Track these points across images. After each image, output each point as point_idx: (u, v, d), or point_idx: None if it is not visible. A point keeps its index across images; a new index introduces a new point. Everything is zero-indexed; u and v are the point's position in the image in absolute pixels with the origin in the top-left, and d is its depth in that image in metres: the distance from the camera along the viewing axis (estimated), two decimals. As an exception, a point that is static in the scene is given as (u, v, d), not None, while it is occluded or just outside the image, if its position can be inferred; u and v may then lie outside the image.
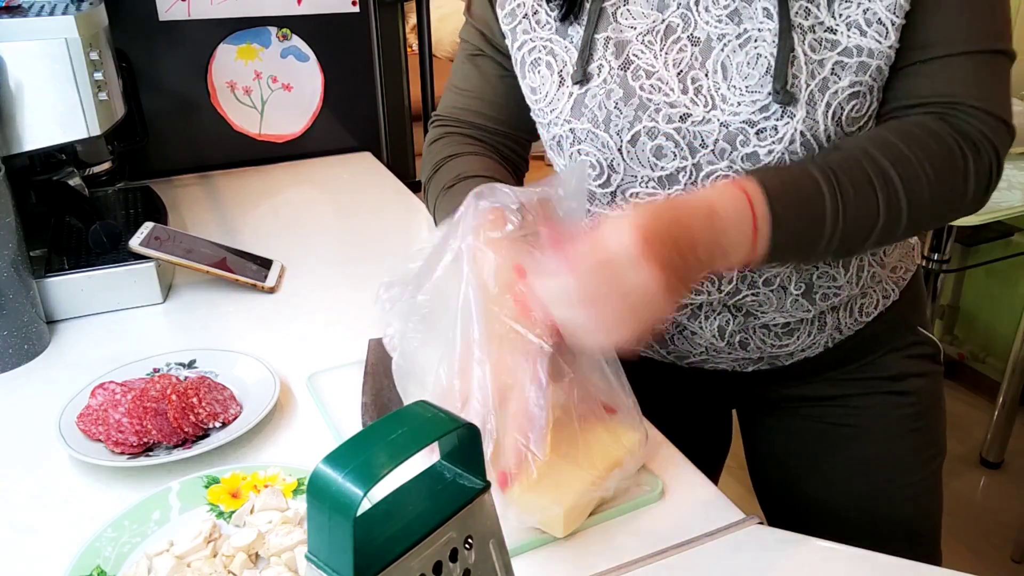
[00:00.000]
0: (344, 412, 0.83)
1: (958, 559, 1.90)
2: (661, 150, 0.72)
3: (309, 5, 1.55)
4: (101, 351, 0.97)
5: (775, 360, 0.87)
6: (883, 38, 0.66)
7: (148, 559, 0.64)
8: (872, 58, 0.67)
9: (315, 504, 0.36)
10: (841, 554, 0.67)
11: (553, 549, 0.67)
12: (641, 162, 0.74)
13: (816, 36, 0.66)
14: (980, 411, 2.45)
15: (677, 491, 0.73)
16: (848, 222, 0.65)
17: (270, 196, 1.48)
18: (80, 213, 1.12)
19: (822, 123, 0.68)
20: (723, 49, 0.69)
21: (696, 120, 0.70)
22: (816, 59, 0.67)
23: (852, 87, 0.67)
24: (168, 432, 0.78)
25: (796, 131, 0.68)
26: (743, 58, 0.68)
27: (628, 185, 0.76)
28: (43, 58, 0.99)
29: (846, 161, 0.66)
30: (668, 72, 0.71)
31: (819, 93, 0.67)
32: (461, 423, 0.39)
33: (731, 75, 0.68)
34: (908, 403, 0.90)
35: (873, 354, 0.88)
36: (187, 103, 1.54)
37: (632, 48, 0.72)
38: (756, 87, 0.68)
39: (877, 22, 0.66)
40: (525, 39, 0.78)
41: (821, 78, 0.67)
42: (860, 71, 0.67)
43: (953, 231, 1.90)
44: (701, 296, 0.80)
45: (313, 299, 1.09)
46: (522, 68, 0.79)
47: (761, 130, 0.68)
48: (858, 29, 0.66)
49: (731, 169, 0.71)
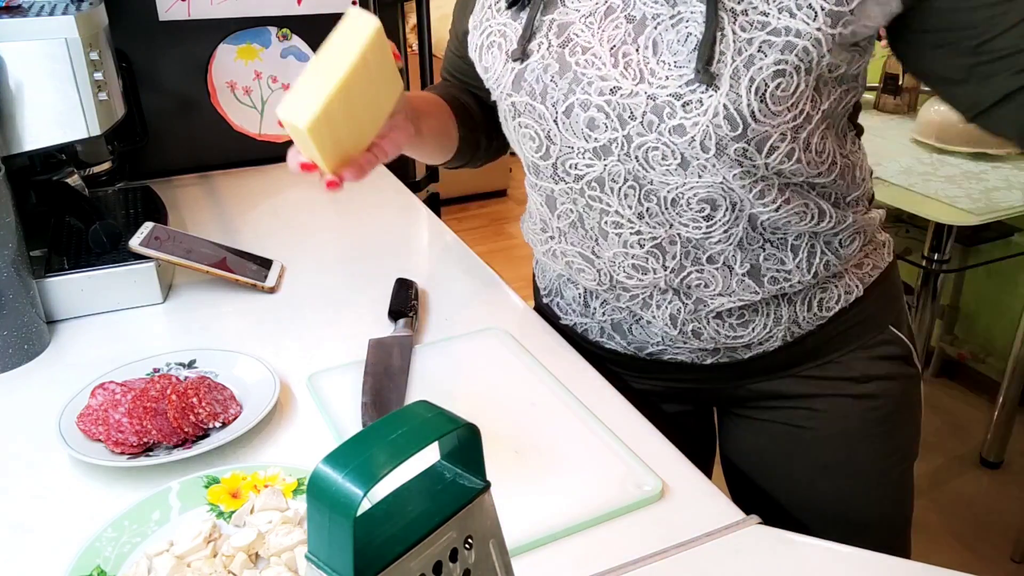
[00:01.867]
0: (344, 412, 0.84)
1: (958, 559, 1.90)
2: (593, 121, 0.76)
3: (309, 5, 1.55)
4: (101, 351, 0.97)
5: (733, 352, 0.88)
6: (812, 20, 0.68)
7: (148, 559, 0.64)
8: (799, 38, 0.68)
9: (315, 504, 0.36)
10: (841, 554, 0.67)
11: (553, 549, 0.67)
12: (575, 133, 0.78)
13: (748, 19, 0.69)
14: (980, 411, 2.45)
15: (677, 491, 0.73)
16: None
17: (270, 196, 1.48)
18: (80, 213, 1.12)
19: (745, 98, 0.69)
20: (656, 27, 0.72)
21: (625, 93, 0.73)
22: (745, 37, 0.69)
23: (777, 64, 0.69)
24: (168, 432, 0.78)
25: (719, 104, 0.70)
26: (674, 36, 0.71)
27: (566, 156, 0.80)
28: (43, 58, 0.99)
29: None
30: (602, 47, 0.75)
31: (744, 68, 0.69)
32: (461, 423, 0.39)
33: (661, 51, 0.72)
34: (872, 406, 0.90)
35: (836, 352, 0.89)
36: (187, 103, 1.54)
37: (573, 28, 0.77)
38: (684, 62, 0.71)
39: (807, 6, 0.68)
40: (485, 26, 0.84)
41: (748, 55, 0.69)
42: (787, 49, 0.68)
43: (953, 231, 1.90)
44: (648, 276, 0.83)
45: (313, 299, 1.10)
46: (479, 52, 0.85)
47: (687, 103, 0.71)
48: (788, 12, 0.68)
49: (660, 141, 0.74)
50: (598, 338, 0.94)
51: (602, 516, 0.69)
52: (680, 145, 0.73)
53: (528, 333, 0.98)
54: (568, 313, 0.96)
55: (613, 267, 0.84)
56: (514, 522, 0.68)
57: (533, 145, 0.82)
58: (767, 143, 0.72)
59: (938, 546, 1.90)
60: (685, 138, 0.72)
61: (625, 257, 0.83)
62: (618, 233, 0.81)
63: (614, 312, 0.90)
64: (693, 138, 0.72)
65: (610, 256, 0.84)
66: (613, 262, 0.84)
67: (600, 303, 0.91)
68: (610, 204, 0.80)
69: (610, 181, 0.78)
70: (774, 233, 0.80)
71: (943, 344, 2.58)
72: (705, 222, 0.78)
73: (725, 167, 0.74)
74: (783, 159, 0.74)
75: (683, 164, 0.74)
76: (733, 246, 0.80)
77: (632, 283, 0.84)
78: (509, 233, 3.82)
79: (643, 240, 0.81)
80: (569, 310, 0.96)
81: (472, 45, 0.86)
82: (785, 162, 0.74)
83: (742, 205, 0.77)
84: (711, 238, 0.79)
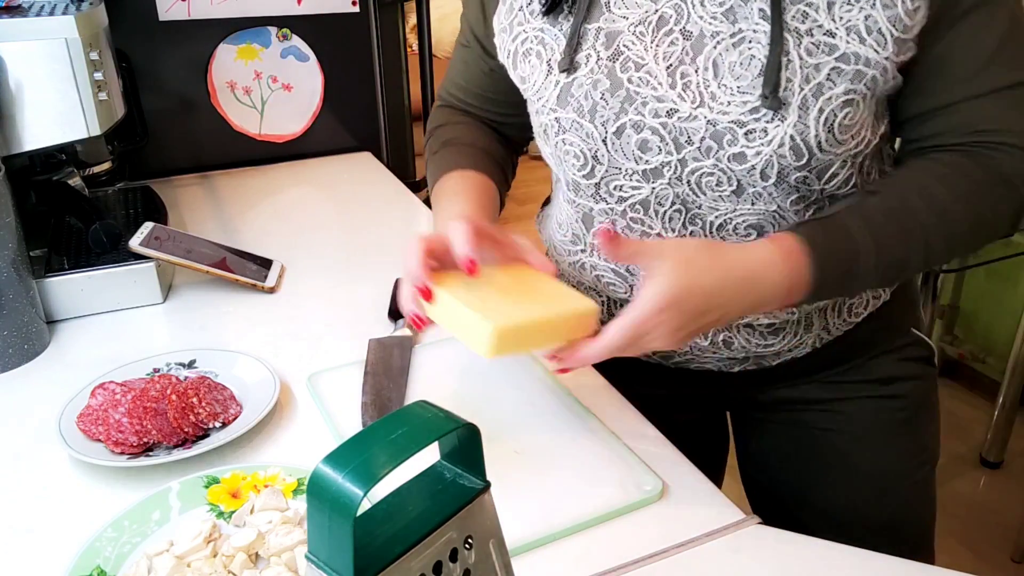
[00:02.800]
0: (344, 412, 0.83)
1: (958, 559, 1.90)
2: (646, 144, 0.72)
3: (309, 5, 1.55)
4: (101, 351, 0.97)
5: (761, 360, 0.86)
6: (881, 48, 0.66)
7: (148, 559, 0.64)
8: (869, 67, 0.66)
9: (315, 504, 0.36)
10: (841, 554, 0.67)
11: (553, 549, 0.67)
12: (625, 154, 0.74)
13: (814, 40, 0.66)
14: (980, 411, 2.45)
15: (677, 491, 0.73)
16: (884, 275, 0.70)
17: (270, 196, 1.48)
18: (80, 213, 1.12)
19: (813, 128, 0.67)
20: (716, 47, 0.68)
21: (683, 116, 0.70)
22: (812, 63, 0.66)
23: (847, 94, 0.67)
24: (168, 432, 0.78)
25: (786, 135, 0.67)
26: (736, 58, 0.68)
27: (612, 177, 0.76)
28: (43, 58, 0.99)
29: (887, 217, 0.68)
30: (658, 66, 0.71)
31: (813, 98, 0.66)
32: (461, 423, 0.39)
33: (722, 73, 0.68)
34: (897, 407, 0.89)
35: (863, 356, 0.88)
36: (187, 103, 1.54)
37: (623, 39, 0.72)
38: (748, 88, 0.67)
39: (877, 31, 0.65)
40: (519, 31, 0.79)
41: (816, 83, 0.66)
42: (856, 79, 0.66)
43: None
44: None
45: (313, 299, 1.09)
46: (513, 59, 0.80)
47: (750, 131, 0.68)
48: (857, 35, 0.65)
49: (716, 167, 0.71)
50: None
51: (602, 516, 0.69)
52: (738, 172, 0.70)
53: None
54: None
55: None
56: (514, 522, 0.68)
57: (577, 164, 0.78)
58: (829, 170, 0.71)
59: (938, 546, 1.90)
60: (745, 166, 0.69)
61: None
62: None
63: None
64: (754, 166, 0.69)
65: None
66: None
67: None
68: (652, 227, 0.77)
69: (656, 204, 0.75)
70: None
71: (943, 344, 2.57)
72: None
73: (782, 194, 0.71)
74: (840, 184, 0.72)
75: (738, 191, 0.72)
76: None
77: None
78: (509, 233, 3.80)
79: None
80: None
81: (504, 50, 0.81)
82: (842, 187, 0.73)
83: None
84: None
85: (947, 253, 0.72)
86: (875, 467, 0.91)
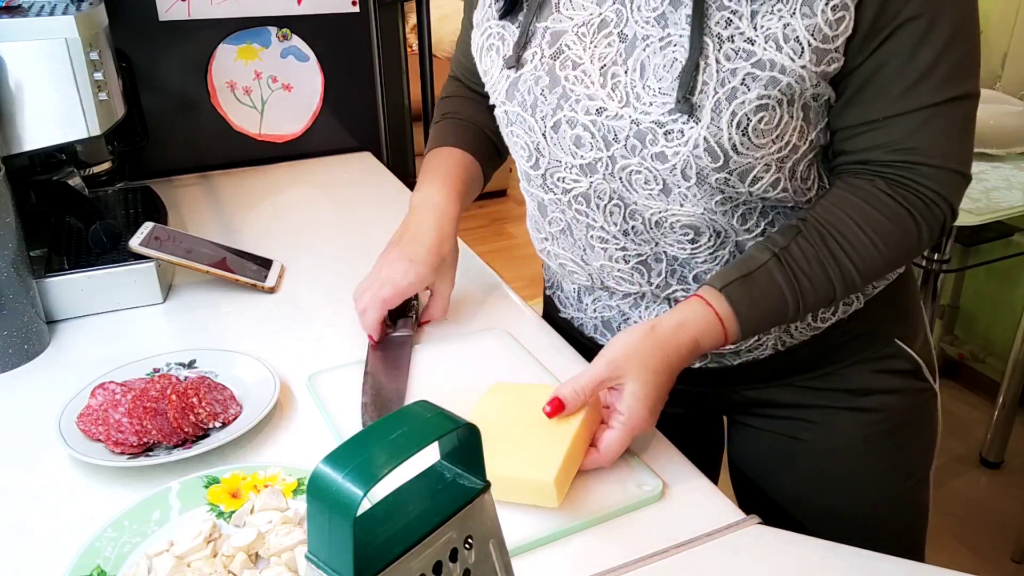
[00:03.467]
0: (344, 412, 0.83)
1: (958, 559, 1.90)
2: (580, 140, 0.76)
3: (309, 5, 1.55)
4: (101, 351, 0.97)
5: (720, 358, 0.87)
6: (798, 56, 0.66)
7: (148, 559, 0.64)
8: (783, 74, 0.67)
9: (315, 504, 0.36)
10: (841, 554, 0.67)
11: (553, 549, 0.67)
12: (563, 149, 0.77)
13: (734, 46, 0.67)
14: (980, 411, 2.45)
15: (677, 491, 0.73)
16: (807, 308, 0.75)
17: (270, 196, 1.48)
18: (80, 213, 1.12)
19: (726, 131, 0.68)
20: (645, 49, 0.71)
21: (610, 115, 0.73)
22: (729, 68, 0.67)
23: (760, 99, 0.67)
24: (168, 432, 0.78)
25: (700, 136, 0.69)
26: (661, 60, 0.70)
27: (554, 169, 0.80)
28: (43, 58, 0.99)
29: (805, 256, 0.72)
30: (592, 65, 0.74)
31: (726, 101, 0.68)
32: (461, 423, 0.39)
33: (647, 75, 0.70)
34: (873, 420, 0.87)
35: (834, 364, 0.87)
36: (187, 103, 1.54)
37: (566, 39, 0.75)
38: (667, 90, 0.69)
39: (795, 39, 0.66)
40: (486, 26, 0.83)
41: (730, 87, 0.67)
42: (770, 85, 0.67)
43: (953, 231, 1.90)
44: (634, 287, 0.83)
45: (313, 299, 1.09)
46: (479, 53, 0.84)
47: (669, 131, 0.70)
48: (775, 43, 0.66)
49: (642, 166, 0.73)
50: (592, 334, 0.94)
51: (602, 516, 0.69)
52: (662, 171, 0.72)
53: (528, 333, 0.98)
54: (566, 307, 0.96)
55: (602, 274, 0.84)
56: (514, 522, 0.68)
57: (524, 155, 0.82)
58: (750, 174, 0.72)
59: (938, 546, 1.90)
60: (666, 165, 0.71)
61: (611, 270, 0.83)
62: (603, 248, 0.81)
63: (605, 310, 0.90)
64: (674, 166, 0.71)
65: (597, 266, 0.84)
66: (601, 270, 0.84)
67: (592, 299, 0.91)
68: (595, 220, 0.80)
69: (596, 198, 0.78)
70: None
71: (943, 344, 2.58)
72: (690, 244, 0.78)
73: (707, 195, 0.73)
74: (768, 188, 0.73)
75: (665, 191, 0.74)
76: (720, 265, 0.79)
77: (622, 289, 0.85)
78: (509, 233, 3.82)
79: (628, 256, 0.81)
80: (568, 303, 0.96)
81: (474, 44, 0.86)
82: (770, 191, 0.74)
83: (727, 233, 0.77)
84: (697, 257, 0.79)
85: (863, 284, 0.76)
86: (849, 480, 0.90)
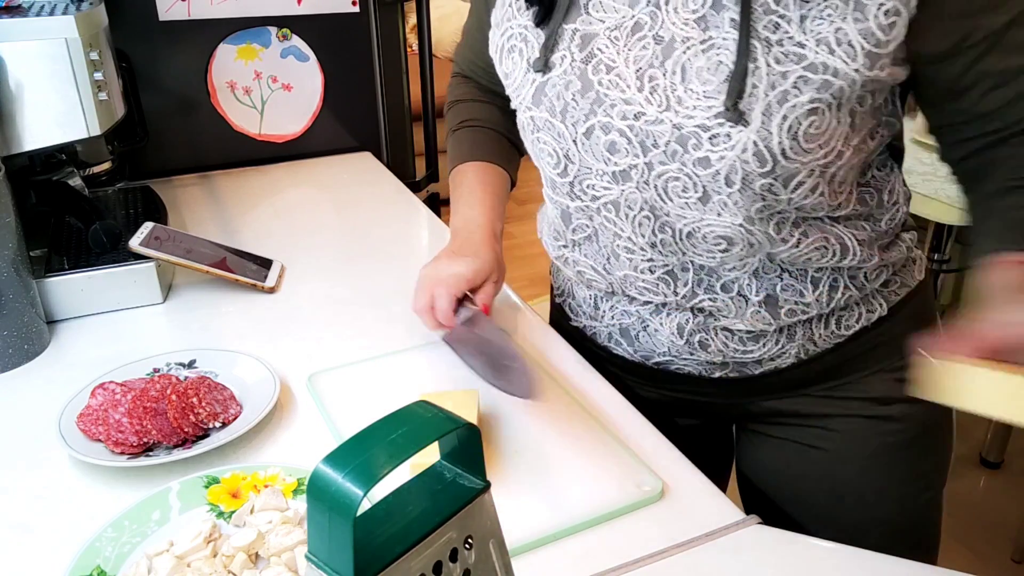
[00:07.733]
0: (344, 412, 0.83)
1: (958, 559, 1.90)
2: (614, 146, 0.73)
3: (309, 5, 1.55)
4: (101, 351, 0.97)
5: (742, 367, 0.85)
6: (851, 60, 0.66)
7: (148, 559, 0.64)
8: (836, 77, 0.66)
9: (315, 504, 0.36)
10: (841, 554, 0.67)
11: (553, 549, 0.67)
12: (595, 155, 0.75)
13: (783, 49, 0.66)
14: (980, 411, 2.44)
15: (677, 491, 0.73)
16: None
17: (270, 196, 1.48)
18: (80, 213, 1.12)
19: (776, 135, 0.67)
20: (685, 52, 0.69)
21: (649, 119, 0.71)
22: (779, 71, 0.66)
23: (812, 103, 0.66)
24: (168, 432, 0.78)
25: (749, 140, 0.67)
26: (704, 63, 0.68)
27: (584, 176, 0.78)
28: (43, 58, 0.99)
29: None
30: (627, 69, 0.72)
31: (777, 105, 0.66)
32: (461, 423, 0.39)
33: (689, 78, 0.68)
34: (893, 429, 0.86)
35: (857, 373, 0.85)
36: (187, 103, 1.54)
37: (598, 42, 0.73)
38: (713, 93, 0.67)
39: (847, 43, 0.65)
40: (507, 26, 0.81)
41: (781, 90, 0.66)
42: (823, 88, 0.66)
43: (953, 231, 1.90)
44: (658, 297, 0.81)
45: (313, 299, 1.09)
46: (499, 54, 0.82)
47: (714, 136, 0.68)
48: (827, 47, 0.65)
49: (682, 172, 0.71)
50: (606, 343, 0.92)
51: (602, 516, 0.69)
52: (703, 177, 0.70)
53: (528, 333, 0.98)
54: (578, 315, 0.94)
55: (624, 283, 0.83)
56: (514, 522, 0.68)
57: (551, 162, 0.79)
58: (794, 179, 0.70)
59: (938, 546, 1.90)
60: (709, 171, 0.69)
61: (635, 279, 0.81)
62: (629, 258, 0.80)
63: (623, 316, 0.87)
64: (718, 171, 0.69)
65: (620, 276, 0.82)
66: (624, 280, 0.82)
67: (610, 306, 0.88)
68: (623, 229, 0.78)
69: (625, 207, 0.76)
70: (793, 264, 0.78)
71: (943, 344, 2.57)
72: (721, 254, 0.76)
73: (747, 202, 0.71)
74: (807, 193, 0.72)
75: (703, 198, 0.72)
76: (748, 274, 0.78)
77: (644, 298, 0.83)
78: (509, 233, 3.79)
79: (654, 267, 0.79)
80: (580, 312, 0.94)
81: (493, 45, 0.83)
82: (808, 196, 0.72)
83: (760, 244, 0.75)
84: (726, 264, 0.77)
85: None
86: (866, 490, 0.89)
